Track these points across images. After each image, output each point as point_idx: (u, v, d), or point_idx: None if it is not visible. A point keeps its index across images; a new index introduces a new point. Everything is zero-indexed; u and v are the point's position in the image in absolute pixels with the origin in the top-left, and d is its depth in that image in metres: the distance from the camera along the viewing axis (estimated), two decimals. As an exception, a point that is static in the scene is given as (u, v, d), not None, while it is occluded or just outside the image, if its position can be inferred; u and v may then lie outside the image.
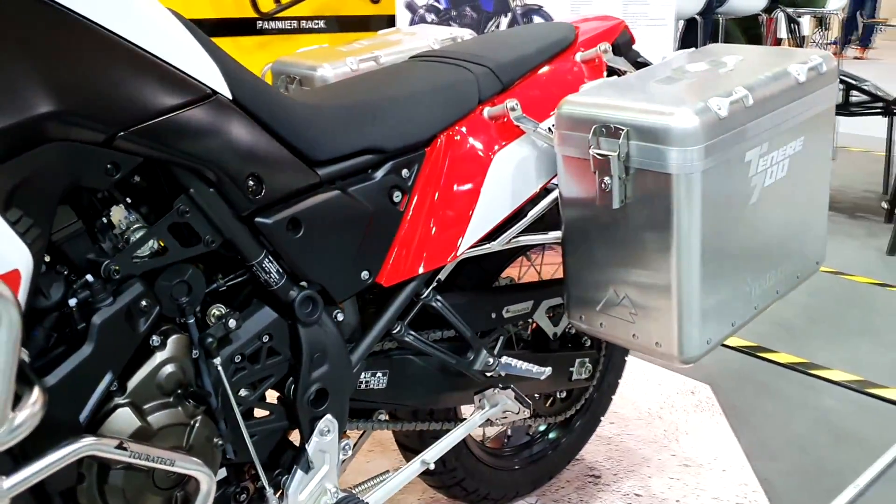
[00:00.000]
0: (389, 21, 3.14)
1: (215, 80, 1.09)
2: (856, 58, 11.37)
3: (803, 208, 1.51)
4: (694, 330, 1.33)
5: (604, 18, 1.81)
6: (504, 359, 1.56)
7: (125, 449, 1.00)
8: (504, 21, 2.85)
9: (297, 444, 1.34)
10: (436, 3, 2.87)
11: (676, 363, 1.37)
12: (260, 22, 2.91)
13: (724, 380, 2.60)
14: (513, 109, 1.43)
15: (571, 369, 1.80)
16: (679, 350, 1.34)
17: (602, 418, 2.07)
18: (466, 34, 1.88)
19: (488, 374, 1.54)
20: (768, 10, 5.49)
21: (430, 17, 2.85)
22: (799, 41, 5.45)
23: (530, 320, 1.73)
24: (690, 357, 1.35)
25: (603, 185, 1.30)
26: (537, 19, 2.80)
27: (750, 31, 5.88)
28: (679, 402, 2.48)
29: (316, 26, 2.99)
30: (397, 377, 1.46)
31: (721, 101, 1.25)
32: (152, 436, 1.08)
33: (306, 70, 1.83)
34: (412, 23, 2.89)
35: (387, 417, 1.54)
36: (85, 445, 0.96)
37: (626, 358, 2.05)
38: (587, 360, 1.83)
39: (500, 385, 1.61)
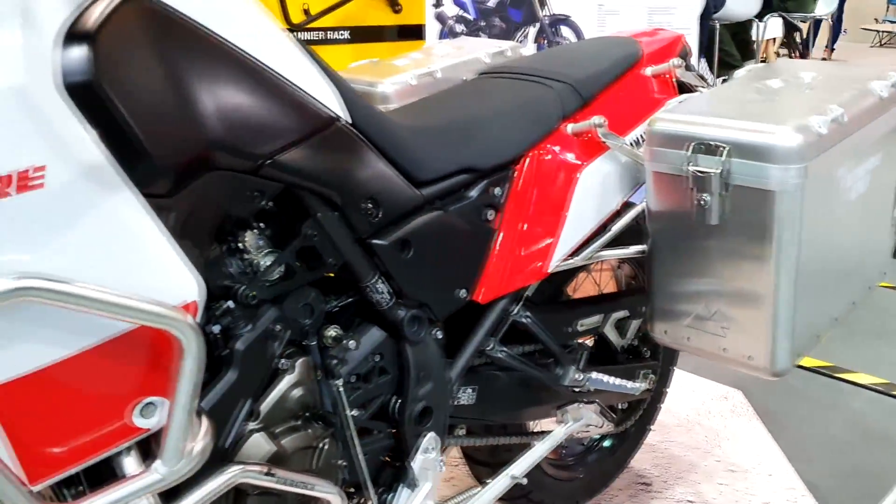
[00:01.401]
0: (407, 31, 3.14)
1: (337, 105, 1.10)
2: (822, 59, 11.63)
3: (875, 220, 1.54)
4: (786, 343, 1.35)
5: (659, 32, 1.83)
6: (593, 374, 1.57)
7: (273, 475, 1.00)
8: (532, 31, 2.87)
9: (392, 461, 1.34)
10: (465, 14, 2.89)
11: (767, 376, 1.39)
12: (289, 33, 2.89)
13: (753, 384, 2.63)
14: (599, 126, 1.44)
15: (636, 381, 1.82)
16: (772, 363, 1.36)
17: (651, 427, 2.10)
18: (525, 49, 1.89)
19: (576, 390, 1.55)
20: (760, 15, 5.56)
21: (460, 27, 2.87)
22: (802, 48, 5.52)
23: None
24: (782, 370, 1.37)
25: (701, 202, 1.32)
26: (565, 29, 2.83)
27: (738, 35, 5.95)
28: (715, 407, 2.51)
29: (341, 37, 2.99)
30: (486, 393, 1.46)
31: (820, 118, 1.28)
32: (285, 459, 1.07)
33: (365, 86, 1.81)
34: (441, 33, 2.90)
35: (465, 432, 1.55)
36: (238, 472, 0.96)
37: (673, 367, 2.07)
38: (649, 370, 1.85)
39: (585, 399, 1.63)
